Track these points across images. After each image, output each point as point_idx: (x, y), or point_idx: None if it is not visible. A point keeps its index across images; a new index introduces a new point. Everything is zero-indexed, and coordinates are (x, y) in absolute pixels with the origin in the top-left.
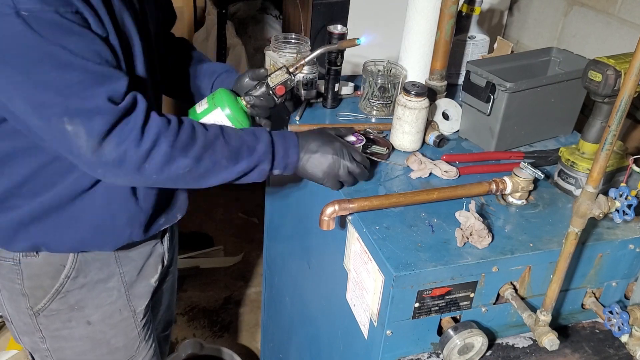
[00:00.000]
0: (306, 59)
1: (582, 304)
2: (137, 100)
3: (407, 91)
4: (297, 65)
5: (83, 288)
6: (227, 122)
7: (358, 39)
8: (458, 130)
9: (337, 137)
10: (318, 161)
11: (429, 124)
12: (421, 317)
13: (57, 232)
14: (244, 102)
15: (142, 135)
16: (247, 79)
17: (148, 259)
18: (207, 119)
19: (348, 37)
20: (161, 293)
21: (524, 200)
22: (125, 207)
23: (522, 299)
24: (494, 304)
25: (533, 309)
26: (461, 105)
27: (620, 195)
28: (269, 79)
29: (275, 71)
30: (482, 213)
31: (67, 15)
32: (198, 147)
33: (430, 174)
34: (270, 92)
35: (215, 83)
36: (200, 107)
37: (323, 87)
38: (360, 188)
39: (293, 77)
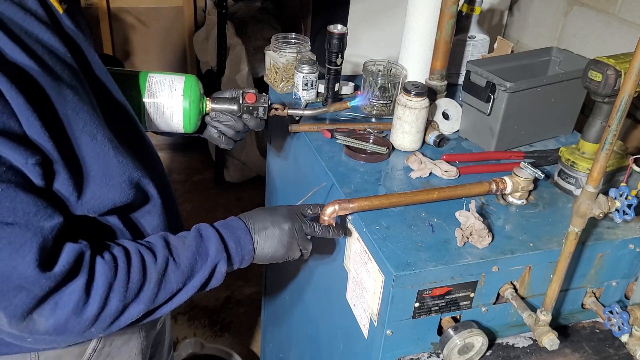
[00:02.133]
0: (289, 112)
1: (582, 304)
2: (76, 253)
3: (407, 91)
4: (278, 107)
5: (108, 357)
6: (177, 111)
7: (350, 102)
8: (458, 130)
9: (281, 207)
10: (273, 236)
11: (429, 123)
12: (421, 316)
13: None
14: (207, 103)
15: (87, 299)
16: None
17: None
18: (158, 102)
19: (348, 39)
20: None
21: (524, 200)
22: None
23: (522, 298)
24: (494, 303)
25: (533, 309)
26: (461, 105)
27: (620, 195)
28: (243, 96)
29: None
30: (482, 213)
31: None
32: (151, 286)
33: (430, 173)
34: (240, 102)
35: None
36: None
37: (323, 87)
38: (360, 188)
39: (267, 105)
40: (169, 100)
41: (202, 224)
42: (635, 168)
